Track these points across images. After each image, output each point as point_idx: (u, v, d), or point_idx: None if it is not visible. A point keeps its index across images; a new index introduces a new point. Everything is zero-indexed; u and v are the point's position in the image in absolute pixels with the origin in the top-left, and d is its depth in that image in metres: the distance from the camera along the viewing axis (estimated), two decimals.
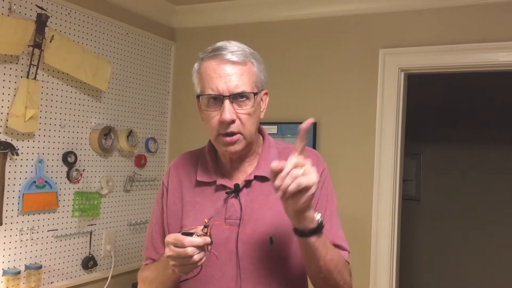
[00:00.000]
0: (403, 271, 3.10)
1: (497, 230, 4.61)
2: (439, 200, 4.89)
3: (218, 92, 1.31)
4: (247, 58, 1.35)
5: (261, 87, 1.39)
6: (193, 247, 1.18)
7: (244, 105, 1.33)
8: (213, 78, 1.32)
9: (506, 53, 2.42)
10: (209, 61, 1.34)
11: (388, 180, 2.61)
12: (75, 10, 2.46)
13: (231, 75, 1.31)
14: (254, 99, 1.34)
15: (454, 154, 4.82)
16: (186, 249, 1.17)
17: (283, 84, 2.88)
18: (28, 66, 2.20)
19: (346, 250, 1.42)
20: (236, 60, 1.32)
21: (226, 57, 1.32)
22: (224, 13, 3.04)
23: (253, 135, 1.39)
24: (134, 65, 2.87)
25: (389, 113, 2.62)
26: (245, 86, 1.32)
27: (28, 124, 2.19)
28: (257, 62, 1.38)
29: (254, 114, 1.36)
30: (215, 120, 1.32)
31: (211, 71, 1.32)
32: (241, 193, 1.38)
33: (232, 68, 1.32)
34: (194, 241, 1.18)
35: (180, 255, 1.19)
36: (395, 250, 2.62)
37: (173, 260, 1.21)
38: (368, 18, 2.71)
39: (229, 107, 1.30)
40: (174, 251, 1.19)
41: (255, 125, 1.38)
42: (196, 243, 1.18)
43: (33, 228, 2.27)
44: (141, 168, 2.92)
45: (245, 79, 1.33)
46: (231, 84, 1.31)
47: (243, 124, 1.33)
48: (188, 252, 1.17)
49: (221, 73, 1.31)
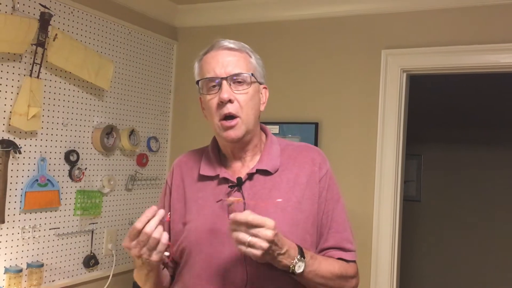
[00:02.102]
0: (404, 272, 3.10)
1: (497, 231, 4.62)
2: (440, 201, 4.89)
3: (215, 75, 1.35)
4: (244, 49, 1.41)
5: (259, 78, 1.43)
6: (148, 225, 1.20)
7: (242, 88, 1.36)
8: (211, 63, 1.37)
9: (507, 55, 2.42)
10: (208, 53, 1.41)
11: (390, 181, 2.61)
12: (78, 9, 2.47)
13: (228, 59, 1.37)
14: (251, 82, 1.38)
15: (455, 155, 4.82)
16: (143, 230, 1.20)
17: (285, 84, 2.89)
18: (31, 64, 2.21)
19: (351, 251, 1.44)
20: (233, 47, 1.39)
21: (223, 43, 1.39)
22: (226, 13, 3.05)
23: (253, 123, 1.40)
24: (136, 64, 2.88)
25: (391, 114, 2.62)
26: (241, 69, 1.37)
27: (31, 123, 2.19)
28: (254, 55, 1.43)
29: (253, 99, 1.39)
30: (214, 102, 1.36)
31: (210, 58, 1.38)
32: (243, 186, 1.38)
33: (229, 53, 1.38)
34: (143, 218, 1.21)
35: (143, 240, 1.21)
36: (396, 250, 2.62)
37: (143, 251, 1.23)
38: (371, 19, 2.71)
39: (226, 88, 1.34)
40: (137, 243, 1.22)
41: (254, 111, 1.39)
42: (146, 218, 1.21)
43: (35, 226, 2.28)
44: (142, 167, 2.93)
45: (242, 64, 1.38)
46: (229, 67, 1.36)
47: (241, 107, 1.35)
48: (147, 231, 1.20)
49: (218, 58, 1.37)
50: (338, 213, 1.44)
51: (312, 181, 1.41)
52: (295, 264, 1.25)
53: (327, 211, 1.42)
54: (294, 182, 1.40)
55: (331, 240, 1.42)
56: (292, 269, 1.25)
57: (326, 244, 1.42)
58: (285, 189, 1.39)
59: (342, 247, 1.42)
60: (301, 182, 1.40)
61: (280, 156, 1.44)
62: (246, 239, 1.16)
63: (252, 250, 1.17)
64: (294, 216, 1.37)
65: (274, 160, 1.42)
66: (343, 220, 1.45)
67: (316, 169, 1.43)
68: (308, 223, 1.39)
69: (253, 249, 1.17)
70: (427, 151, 4.95)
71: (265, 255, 1.18)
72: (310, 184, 1.41)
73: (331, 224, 1.42)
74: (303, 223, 1.38)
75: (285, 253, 1.23)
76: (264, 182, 1.40)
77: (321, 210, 1.41)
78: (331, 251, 1.42)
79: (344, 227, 1.44)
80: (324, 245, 1.42)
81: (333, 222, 1.42)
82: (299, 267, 1.25)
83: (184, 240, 1.38)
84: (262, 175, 1.40)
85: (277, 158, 1.43)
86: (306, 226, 1.38)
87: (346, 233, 1.44)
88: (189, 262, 1.39)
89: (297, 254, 1.26)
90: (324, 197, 1.42)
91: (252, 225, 1.16)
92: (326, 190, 1.42)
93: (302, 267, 1.26)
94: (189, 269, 1.39)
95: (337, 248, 1.42)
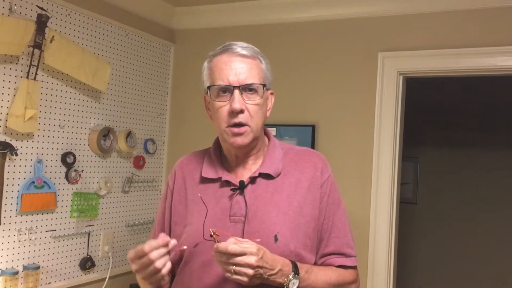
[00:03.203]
0: (400, 274, 3.10)
1: (494, 233, 4.63)
2: (436, 203, 4.90)
3: (228, 83, 1.34)
4: (256, 54, 1.40)
5: (268, 85, 1.42)
6: (154, 253, 1.21)
7: (253, 97, 1.36)
8: (224, 69, 1.35)
9: (504, 58, 2.43)
10: (220, 56, 1.38)
11: (386, 183, 2.61)
12: (75, 11, 2.46)
13: (241, 67, 1.35)
14: (262, 92, 1.37)
15: (451, 157, 4.84)
16: (148, 255, 1.21)
17: (282, 86, 2.88)
18: (28, 66, 2.20)
19: (352, 256, 1.45)
20: (246, 53, 1.37)
21: (236, 50, 1.37)
22: (224, 15, 3.05)
23: (260, 130, 1.41)
24: (133, 66, 2.87)
25: (388, 117, 2.63)
26: (254, 78, 1.36)
27: (28, 124, 2.19)
28: (264, 61, 1.42)
29: (262, 108, 1.39)
30: (224, 110, 1.35)
31: (222, 64, 1.36)
32: (245, 190, 1.39)
33: (242, 61, 1.36)
34: (153, 244, 1.21)
35: (145, 264, 1.22)
36: (393, 252, 2.63)
37: (140, 273, 1.24)
38: (368, 22, 2.71)
39: (238, 97, 1.33)
40: (139, 263, 1.22)
41: (262, 119, 1.40)
42: (155, 245, 1.21)
43: (31, 229, 2.27)
44: (139, 169, 2.93)
45: (255, 73, 1.37)
46: (241, 76, 1.34)
47: (252, 116, 1.35)
48: (151, 257, 1.20)
49: (231, 65, 1.35)
50: (338, 218, 1.44)
51: (313, 186, 1.42)
52: (288, 282, 1.26)
53: (328, 216, 1.43)
54: (296, 186, 1.41)
55: (332, 245, 1.43)
56: (286, 287, 1.26)
57: (327, 249, 1.43)
58: (287, 193, 1.40)
59: (342, 252, 1.43)
60: (302, 187, 1.41)
61: (282, 160, 1.45)
62: (230, 268, 1.18)
63: (239, 277, 1.18)
64: (296, 221, 1.37)
65: (277, 164, 1.43)
66: (343, 225, 1.45)
67: (318, 174, 1.44)
68: (309, 227, 1.39)
69: (239, 276, 1.18)
70: (423, 154, 4.96)
71: (253, 280, 1.20)
72: (312, 189, 1.42)
73: (331, 229, 1.43)
74: (305, 228, 1.38)
75: (278, 272, 1.24)
76: (266, 186, 1.40)
77: (322, 215, 1.42)
78: (331, 257, 1.43)
79: (345, 232, 1.45)
80: (325, 251, 1.43)
81: (333, 227, 1.43)
82: (293, 284, 1.27)
83: (184, 241, 1.38)
84: (265, 179, 1.41)
85: (280, 162, 1.44)
86: (307, 231, 1.39)
87: (346, 238, 1.45)
88: (189, 264, 1.39)
89: (290, 271, 1.27)
90: (326, 202, 1.42)
91: (234, 255, 1.18)
92: (327, 195, 1.43)
93: (296, 283, 1.27)
94: (189, 270, 1.39)
95: (338, 253, 1.43)
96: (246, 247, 1.19)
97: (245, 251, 1.18)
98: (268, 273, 1.22)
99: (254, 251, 1.19)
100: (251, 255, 1.18)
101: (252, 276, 1.19)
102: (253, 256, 1.18)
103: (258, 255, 1.19)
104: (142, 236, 2.93)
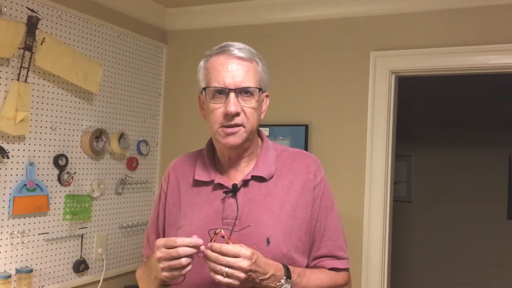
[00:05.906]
0: (395, 273, 3.11)
1: (488, 231, 4.65)
2: (430, 201, 4.92)
3: (224, 85, 1.33)
4: (253, 56, 1.39)
5: (264, 87, 1.42)
6: (184, 248, 1.20)
7: (249, 100, 1.35)
8: (220, 71, 1.34)
9: (496, 56, 2.44)
10: (216, 57, 1.37)
11: (380, 181, 2.62)
12: (66, 13, 2.45)
13: (238, 70, 1.34)
14: (258, 95, 1.37)
15: (445, 156, 4.86)
16: (178, 248, 1.20)
17: (275, 86, 2.88)
18: (19, 68, 2.19)
19: (344, 259, 1.45)
20: (243, 56, 1.36)
21: (233, 52, 1.36)
22: (216, 16, 3.04)
23: (253, 131, 1.40)
24: (125, 68, 2.86)
25: (380, 115, 2.63)
26: (250, 82, 1.35)
27: (19, 127, 2.18)
28: (261, 63, 1.42)
29: (257, 111, 1.39)
30: (219, 112, 1.34)
31: (219, 65, 1.35)
32: (238, 193, 1.38)
33: (239, 63, 1.35)
34: (186, 240, 1.21)
35: (171, 255, 1.20)
36: (387, 251, 2.64)
37: (163, 262, 1.22)
38: (359, 21, 2.72)
39: (234, 100, 1.32)
40: (165, 252, 1.21)
41: (256, 121, 1.40)
42: (188, 242, 1.20)
43: (23, 232, 2.26)
44: (132, 171, 2.91)
45: (251, 76, 1.36)
46: (238, 79, 1.33)
47: (248, 118, 1.35)
48: (179, 251, 1.19)
49: (228, 67, 1.34)
50: (331, 221, 1.44)
51: (306, 188, 1.42)
52: (280, 286, 1.26)
53: (320, 219, 1.43)
54: (289, 189, 1.41)
55: (324, 248, 1.43)
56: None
57: (319, 252, 1.43)
58: (280, 196, 1.39)
59: (334, 255, 1.43)
60: (295, 189, 1.41)
61: (275, 162, 1.44)
62: (223, 270, 1.17)
63: (230, 280, 1.18)
64: (288, 223, 1.37)
65: (270, 166, 1.43)
66: (336, 228, 1.45)
67: (311, 177, 1.43)
68: (301, 230, 1.39)
69: (230, 279, 1.18)
70: (417, 152, 4.98)
71: (244, 283, 1.20)
72: (304, 191, 1.41)
73: (324, 232, 1.43)
74: (297, 231, 1.38)
75: (270, 277, 1.25)
76: (259, 189, 1.40)
77: (314, 218, 1.42)
78: (324, 260, 1.43)
79: (337, 235, 1.45)
80: (317, 253, 1.43)
81: (326, 230, 1.43)
82: None
83: None
84: (257, 182, 1.40)
85: (273, 164, 1.43)
86: (299, 234, 1.39)
87: (339, 241, 1.45)
88: None
89: (283, 275, 1.27)
90: (318, 205, 1.42)
91: (227, 255, 1.17)
92: (320, 198, 1.43)
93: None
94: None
95: (330, 256, 1.43)
96: (240, 249, 1.19)
97: (239, 253, 1.18)
98: (260, 277, 1.23)
99: (248, 254, 1.19)
100: (244, 259, 1.18)
101: (243, 280, 1.19)
102: (246, 260, 1.18)
103: (252, 259, 1.20)
104: (136, 238, 2.92)
